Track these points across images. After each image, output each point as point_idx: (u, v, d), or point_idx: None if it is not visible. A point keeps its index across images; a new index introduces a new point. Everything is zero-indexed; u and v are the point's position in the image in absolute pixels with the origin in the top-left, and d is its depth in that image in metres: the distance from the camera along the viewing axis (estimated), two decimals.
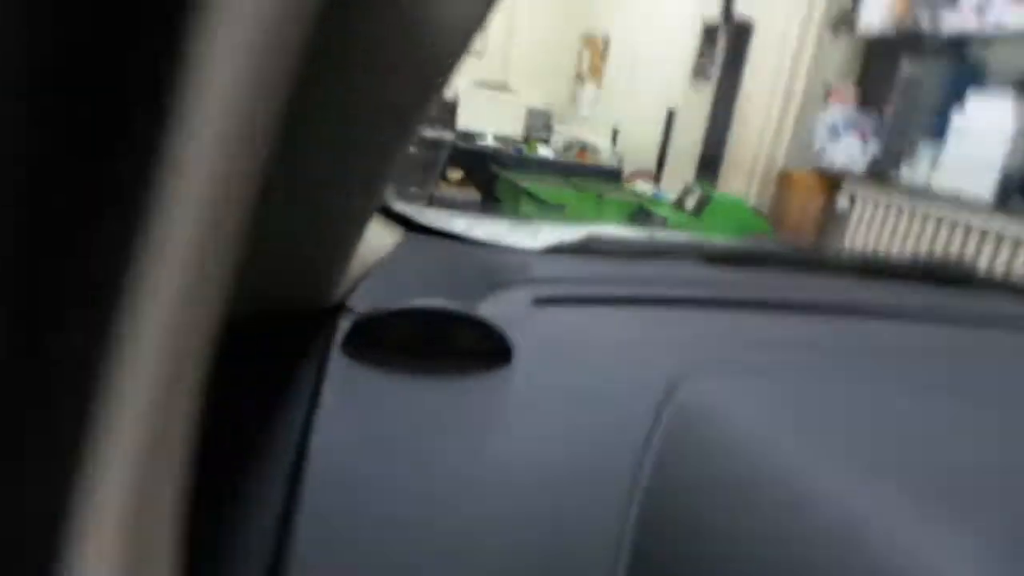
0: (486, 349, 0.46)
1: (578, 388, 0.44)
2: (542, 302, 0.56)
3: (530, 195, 4.09)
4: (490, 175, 4.79)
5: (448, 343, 0.46)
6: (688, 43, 4.74)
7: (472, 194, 4.86)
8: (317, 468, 0.36)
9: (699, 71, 4.64)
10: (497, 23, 6.52)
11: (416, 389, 0.43)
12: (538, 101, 6.35)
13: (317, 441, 0.38)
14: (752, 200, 3.83)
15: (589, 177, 4.78)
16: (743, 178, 4.00)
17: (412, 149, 4.62)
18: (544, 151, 5.28)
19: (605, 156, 5.38)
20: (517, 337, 0.47)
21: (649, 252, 0.80)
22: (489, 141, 5.13)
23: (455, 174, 4.91)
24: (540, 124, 5.94)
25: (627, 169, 5.15)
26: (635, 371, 0.46)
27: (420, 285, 0.58)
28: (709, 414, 0.40)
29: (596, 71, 6.14)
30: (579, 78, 6.48)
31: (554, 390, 0.44)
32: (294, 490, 0.35)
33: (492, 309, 0.54)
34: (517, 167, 4.78)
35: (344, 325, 0.45)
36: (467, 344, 0.46)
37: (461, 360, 0.45)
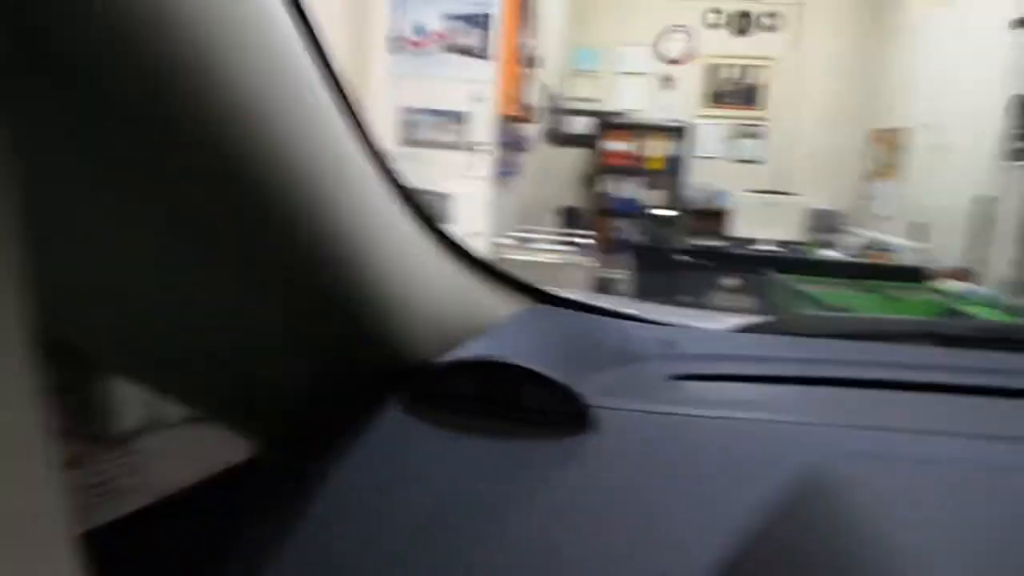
0: (564, 411, 0.43)
1: (692, 462, 0.40)
2: (681, 377, 0.54)
3: (807, 298, 3.78)
4: (767, 281, 4.54)
5: (520, 401, 0.44)
6: (996, 124, 4.10)
7: (747, 301, 4.64)
8: (340, 510, 0.37)
9: (1018, 153, 3.96)
10: (776, 131, 6.40)
11: (472, 444, 0.42)
12: (823, 202, 5.96)
13: (348, 480, 0.38)
14: None
15: (883, 278, 4.26)
16: None
17: (683, 258, 4.64)
18: (831, 254, 4.87)
19: (904, 255, 4.77)
20: (645, 408, 0.45)
21: (857, 332, 0.72)
22: (767, 246, 4.91)
23: (730, 282, 4.75)
24: (825, 226, 5.53)
25: (931, 267, 4.49)
26: (762, 450, 0.41)
27: (526, 348, 0.57)
28: (840, 498, 0.35)
29: (890, 166, 5.59)
30: (870, 175, 5.95)
31: (665, 464, 0.40)
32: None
33: (621, 380, 0.52)
34: (797, 271, 4.46)
35: (410, 379, 0.46)
36: (540, 404, 0.44)
37: (532, 420, 0.43)
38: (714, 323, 0.71)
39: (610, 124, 6.36)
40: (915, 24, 5.35)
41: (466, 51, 3.16)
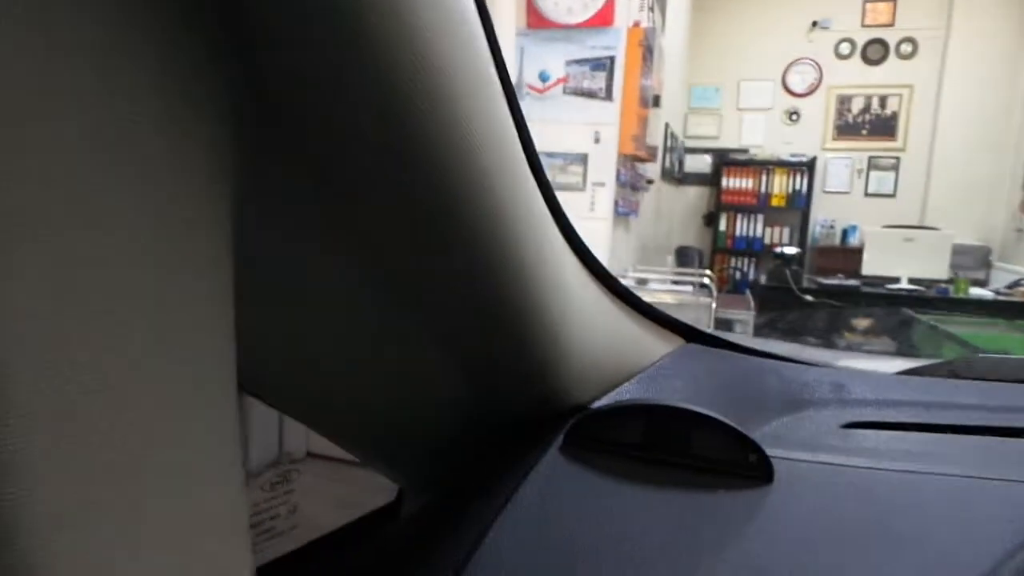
0: (743, 460, 0.41)
1: (885, 520, 0.38)
2: (856, 425, 0.51)
3: (954, 340, 3.48)
4: (904, 322, 4.23)
5: (691, 448, 0.42)
6: None
7: (882, 344, 4.33)
8: (496, 555, 0.36)
9: None
10: (912, 162, 6.02)
11: (638, 491, 0.41)
12: (968, 237, 5.51)
13: (506, 525, 0.37)
14: None
15: None
16: None
17: (808, 298, 4.42)
18: (979, 291, 4.47)
19: None
20: (826, 460, 0.42)
21: None
22: (903, 284, 4.58)
23: (861, 322, 4.47)
24: (972, 262, 5.09)
25: None
26: (968, 509, 0.38)
27: (686, 391, 0.55)
28: None
29: None
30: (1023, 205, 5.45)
31: (855, 521, 0.38)
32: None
33: (793, 427, 0.50)
34: (940, 311, 4.13)
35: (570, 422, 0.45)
36: (714, 452, 0.42)
37: (705, 468, 0.41)
38: (874, 365, 0.68)
39: (729, 161, 6.22)
40: None
41: (589, 94, 3.23)
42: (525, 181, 0.36)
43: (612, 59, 3.17)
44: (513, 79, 2.83)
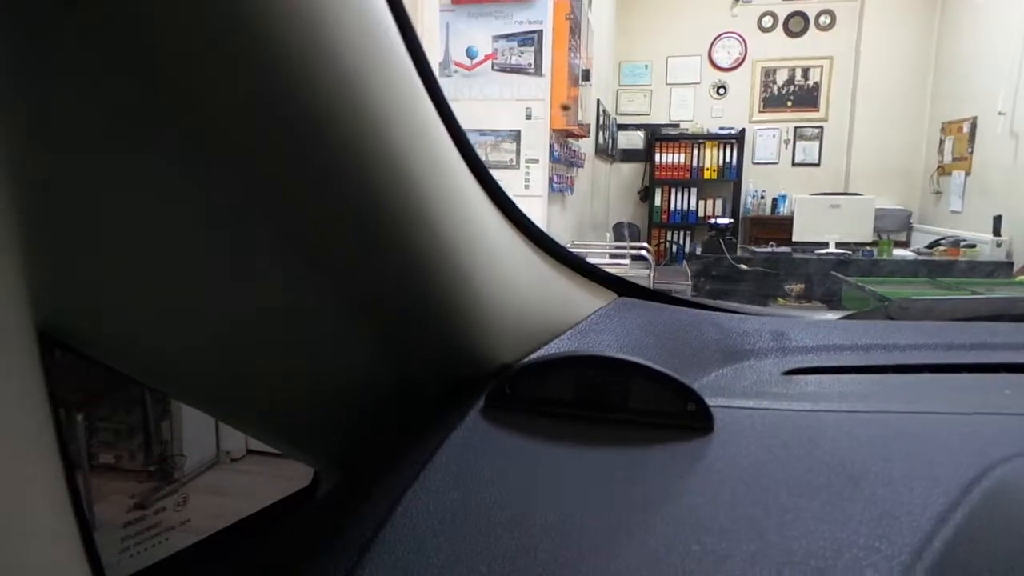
0: (684, 412, 0.39)
1: (834, 463, 0.36)
2: (798, 371, 0.49)
3: (881, 299, 3.62)
4: (834, 285, 4.38)
5: (627, 402, 0.40)
6: None
7: (815, 307, 4.48)
8: (415, 523, 0.34)
9: None
10: (834, 132, 6.23)
11: (568, 450, 0.38)
12: (890, 201, 5.75)
13: (423, 492, 0.35)
14: None
15: (963, 275, 4.06)
16: None
17: (742, 266, 4.53)
18: (901, 252, 4.67)
19: (985, 249, 4.54)
20: (763, 406, 0.41)
21: (981, 313, 0.67)
22: (831, 249, 4.74)
23: (793, 287, 4.61)
24: (895, 225, 5.32)
25: (1018, 261, 4.26)
26: (919, 445, 0.37)
27: (623, 344, 0.53)
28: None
29: (962, 159, 5.35)
30: (941, 169, 5.71)
31: (802, 466, 0.36)
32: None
33: (734, 376, 0.49)
34: (867, 273, 4.30)
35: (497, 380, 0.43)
36: (653, 404, 0.40)
37: (643, 422, 0.39)
38: (815, 315, 0.67)
39: (662, 136, 6.30)
40: (979, 8, 5.14)
41: (518, 70, 3.19)
42: (437, 137, 0.34)
43: (539, 33, 3.13)
44: (439, 56, 2.76)
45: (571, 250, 0.57)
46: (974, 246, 4.58)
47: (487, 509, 0.34)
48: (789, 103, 6.37)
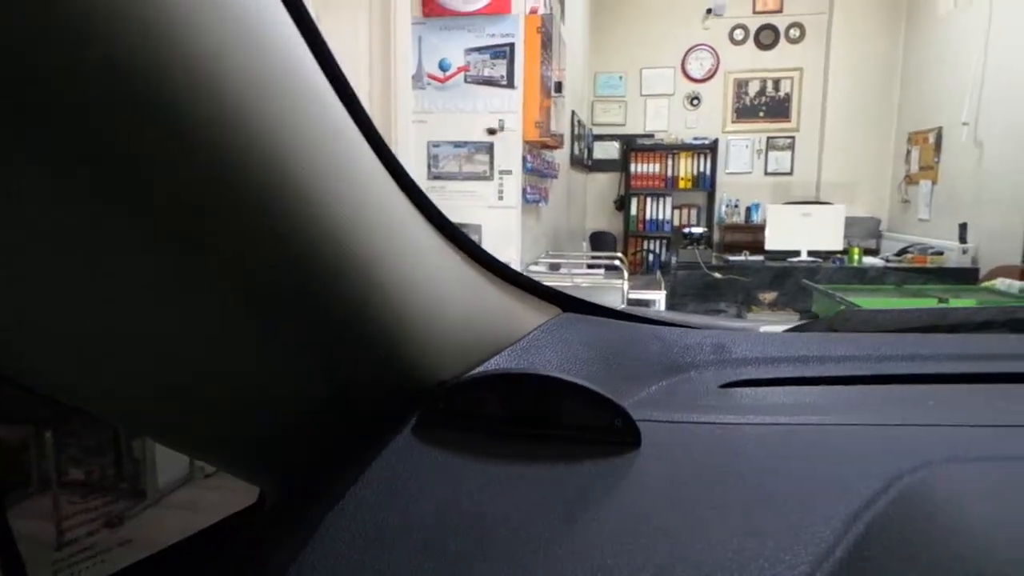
0: (610, 427, 0.40)
1: (758, 475, 0.37)
2: (734, 384, 0.50)
3: (850, 306, 3.68)
4: (806, 292, 4.44)
5: (558, 417, 0.40)
6: None
7: (787, 315, 4.54)
8: (345, 545, 0.34)
9: None
10: (805, 141, 6.33)
11: (498, 466, 0.39)
12: (860, 210, 5.86)
13: (352, 513, 0.36)
14: None
15: (930, 281, 4.14)
16: None
17: (716, 275, 4.58)
18: (871, 260, 4.76)
19: (952, 256, 4.63)
20: (698, 419, 0.41)
21: (919, 325, 0.68)
22: (803, 257, 4.82)
23: (766, 296, 4.67)
24: (864, 233, 5.42)
25: (984, 267, 4.35)
26: (837, 456, 0.38)
27: (559, 360, 0.53)
28: (940, 506, 0.32)
29: (928, 168, 5.47)
30: (908, 178, 5.83)
31: (726, 479, 0.37)
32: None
33: (669, 391, 0.49)
34: (837, 281, 4.37)
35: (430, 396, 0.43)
36: (581, 420, 0.40)
37: (571, 437, 0.40)
38: (762, 327, 0.68)
39: (637, 146, 6.36)
40: (943, 21, 5.27)
41: (490, 82, 3.21)
42: (364, 156, 0.35)
43: (511, 46, 3.16)
44: (412, 68, 2.76)
45: (545, 260, 0.57)
46: (941, 253, 4.68)
47: (410, 531, 0.35)
48: (761, 114, 6.47)
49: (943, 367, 0.53)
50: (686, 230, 5.05)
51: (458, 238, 0.48)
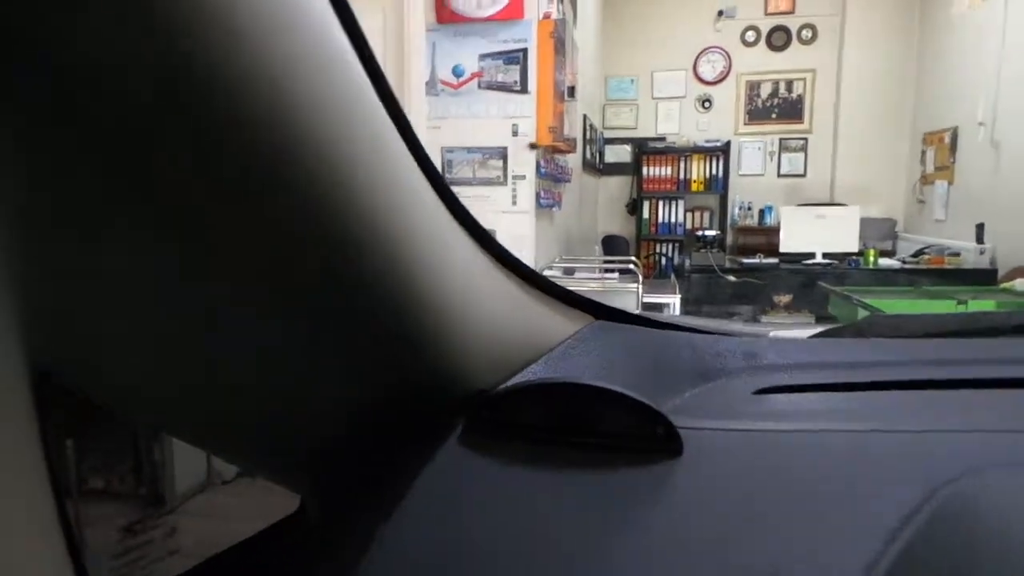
0: (652, 435, 0.40)
1: (799, 482, 0.37)
2: (768, 390, 0.50)
3: (868, 310, 3.65)
4: (821, 295, 4.41)
5: (598, 425, 0.40)
6: None
7: (804, 318, 4.51)
8: (394, 553, 0.35)
9: None
10: (819, 143, 6.30)
11: (542, 474, 0.39)
12: (875, 211, 5.82)
13: (401, 523, 0.36)
14: None
15: (947, 283, 4.10)
16: None
17: (731, 278, 4.56)
18: (887, 262, 4.72)
19: (969, 257, 4.59)
20: (736, 427, 0.41)
21: (949, 330, 0.67)
22: (818, 259, 4.79)
23: (782, 298, 4.64)
24: (879, 234, 5.38)
25: (1002, 268, 4.31)
26: (879, 464, 0.38)
27: (595, 368, 0.54)
28: (984, 513, 0.32)
29: (944, 168, 5.42)
30: (923, 179, 5.78)
31: (767, 486, 0.37)
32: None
33: (704, 397, 0.50)
34: (853, 282, 4.34)
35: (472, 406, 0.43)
36: (622, 428, 0.40)
37: (613, 446, 0.40)
38: (788, 332, 0.68)
39: (648, 149, 6.35)
40: (957, 20, 5.23)
41: (504, 88, 3.22)
42: (405, 166, 0.35)
43: (524, 52, 3.17)
44: (426, 75, 2.77)
45: (560, 265, 0.58)
46: (958, 254, 4.64)
47: (461, 539, 0.35)
48: (773, 115, 6.44)
49: (977, 371, 0.53)
50: (699, 233, 5.04)
51: (493, 248, 0.49)
